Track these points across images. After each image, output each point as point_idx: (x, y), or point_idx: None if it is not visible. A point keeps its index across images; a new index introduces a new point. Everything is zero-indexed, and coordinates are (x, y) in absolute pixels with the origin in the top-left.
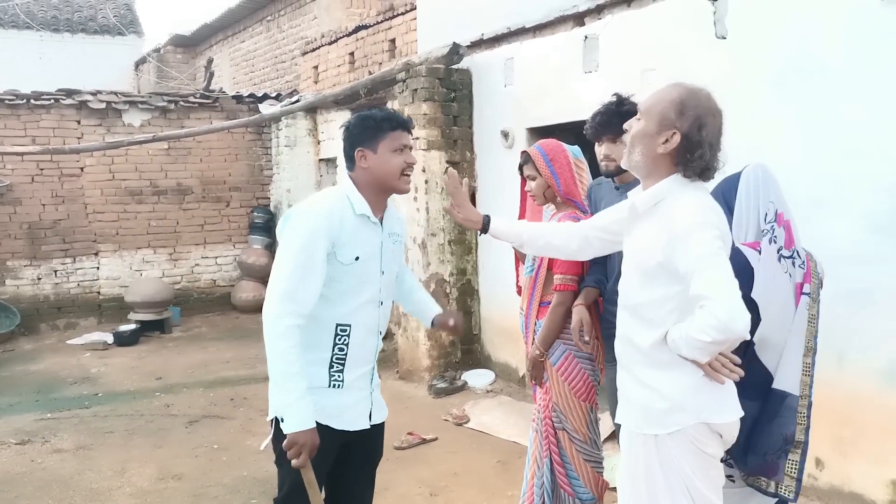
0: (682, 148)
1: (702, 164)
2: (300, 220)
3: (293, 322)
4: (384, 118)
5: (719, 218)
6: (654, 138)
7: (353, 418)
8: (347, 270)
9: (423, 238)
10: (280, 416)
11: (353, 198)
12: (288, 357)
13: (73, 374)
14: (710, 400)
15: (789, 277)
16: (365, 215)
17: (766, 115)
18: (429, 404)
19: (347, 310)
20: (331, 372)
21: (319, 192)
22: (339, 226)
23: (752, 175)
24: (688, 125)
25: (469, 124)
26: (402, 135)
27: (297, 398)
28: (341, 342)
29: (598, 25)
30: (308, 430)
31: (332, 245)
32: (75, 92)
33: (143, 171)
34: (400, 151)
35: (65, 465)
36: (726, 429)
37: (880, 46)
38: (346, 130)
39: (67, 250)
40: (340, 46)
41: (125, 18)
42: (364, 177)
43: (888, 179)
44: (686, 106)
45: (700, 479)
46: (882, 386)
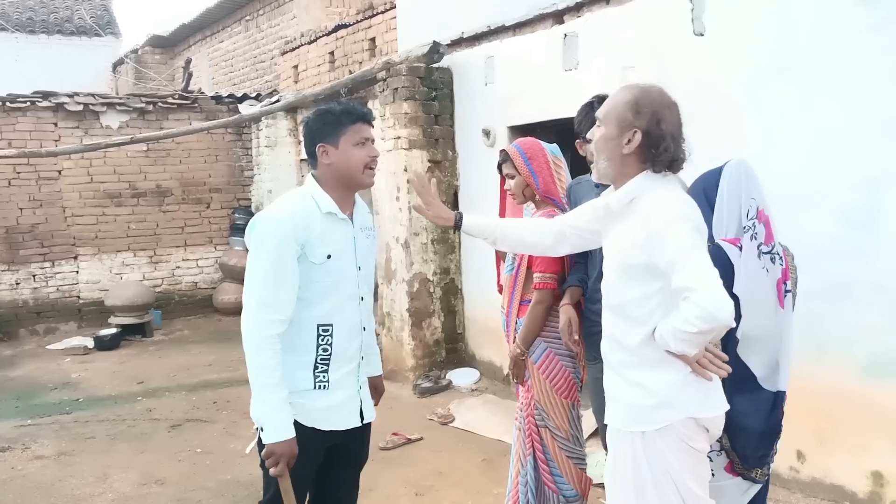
0: (646, 144)
1: (668, 156)
2: (265, 227)
3: (272, 332)
4: (343, 111)
5: (694, 211)
6: (616, 141)
7: (341, 417)
8: (321, 269)
9: (406, 237)
10: (259, 426)
11: (317, 197)
12: (266, 369)
13: (54, 379)
14: (697, 394)
15: (766, 273)
16: (332, 213)
17: (745, 112)
18: (414, 404)
19: (327, 309)
20: (315, 373)
21: (284, 195)
22: (306, 226)
23: (733, 171)
24: (646, 122)
25: (450, 123)
26: (364, 127)
27: (276, 409)
28: (324, 342)
29: (577, 23)
30: (286, 441)
31: (301, 247)
32: (52, 94)
33: (121, 173)
34: (362, 145)
35: (46, 471)
36: (713, 423)
37: (855, 44)
38: (305, 126)
39: (46, 254)
40: (320, 46)
41: (102, 19)
42: (327, 173)
43: (865, 175)
44: (641, 104)
45: (688, 475)
46: (862, 379)
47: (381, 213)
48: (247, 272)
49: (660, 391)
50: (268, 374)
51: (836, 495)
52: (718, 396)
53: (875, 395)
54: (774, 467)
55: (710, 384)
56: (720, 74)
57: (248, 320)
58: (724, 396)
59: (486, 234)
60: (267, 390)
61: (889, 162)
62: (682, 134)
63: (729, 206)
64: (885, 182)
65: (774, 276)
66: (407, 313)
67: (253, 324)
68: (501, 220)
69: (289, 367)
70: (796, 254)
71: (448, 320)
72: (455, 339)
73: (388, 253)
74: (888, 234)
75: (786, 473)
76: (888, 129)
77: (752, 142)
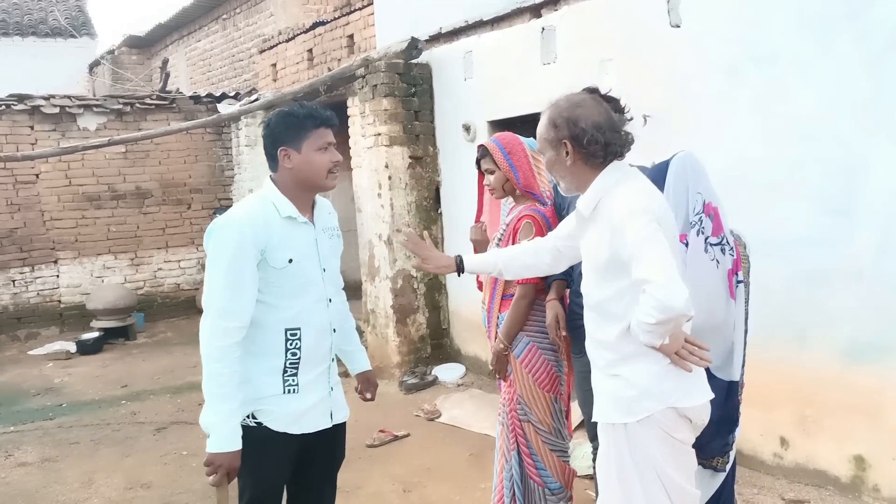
0: (577, 147)
1: (598, 147)
2: (223, 233)
3: (232, 339)
4: (307, 115)
5: (653, 201)
6: (558, 159)
7: (312, 420)
8: (283, 274)
9: (389, 234)
10: (206, 433)
11: (277, 201)
12: (221, 378)
13: (36, 385)
14: (678, 384)
15: (717, 265)
16: (292, 217)
17: (722, 102)
18: (400, 400)
19: (294, 313)
20: (284, 377)
21: (240, 202)
22: (265, 231)
23: (678, 166)
24: (566, 129)
25: (430, 119)
26: (327, 132)
27: (224, 420)
28: (293, 346)
29: (555, 17)
30: (228, 453)
31: (261, 252)
32: (27, 97)
33: (100, 175)
34: (325, 150)
35: (30, 478)
36: (695, 412)
37: (829, 32)
38: (266, 128)
39: (25, 259)
40: (298, 43)
41: (77, 20)
42: (288, 177)
43: (840, 162)
44: (554, 118)
45: (670, 466)
46: (843, 364)
47: (363, 210)
48: (206, 279)
49: (640, 382)
50: (222, 383)
51: (819, 480)
52: (700, 386)
53: (855, 380)
54: (758, 454)
55: (690, 374)
56: (697, 65)
57: (207, 328)
58: (706, 386)
59: (489, 269)
60: (219, 400)
61: (864, 149)
62: (609, 122)
63: (675, 202)
64: (861, 169)
65: (725, 266)
66: (391, 310)
67: (213, 332)
68: (500, 252)
69: (256, 372)
70: (774, 241)
71: (433, 316)
72: (440, 335)
73: (371, 250)
74: (865, 220)
75: (769, 460)
76: (863, 117)
77: (729, 131)
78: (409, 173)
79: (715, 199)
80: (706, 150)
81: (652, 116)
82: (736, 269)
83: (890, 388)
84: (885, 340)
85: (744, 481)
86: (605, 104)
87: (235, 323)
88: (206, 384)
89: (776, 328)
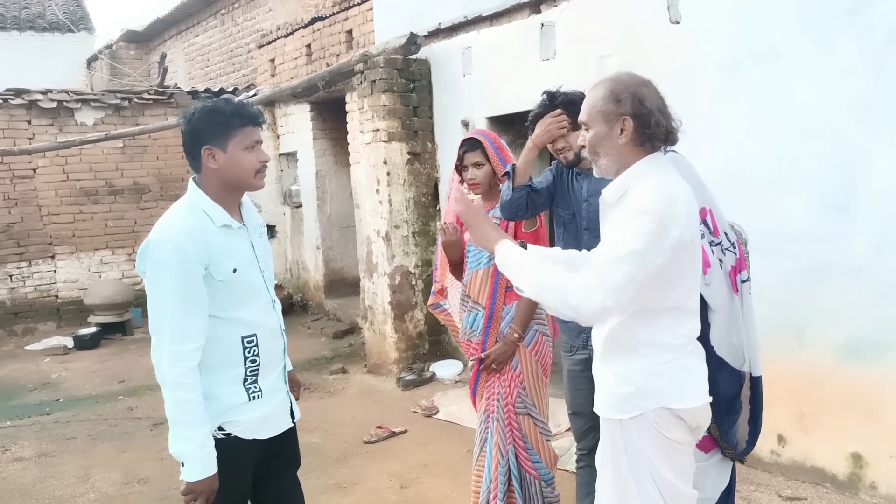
0: (639, 126)
1: (661, 130)
2: (162, 253)
3: (190, 364)
4: (234, 113)
5: (673, 205)
6: (609, 135)
7: (275, 422)
8: (229, 285)
9: (387, 230)
10: (180, 462)
11: (209, 210)
12: (188, 404)
13: (33, 380)
14: (672, 385)
15: (720, 264)
16: (227, 226)
17: (721, 99)
18: (398, 397)
19: (247, 321)
20: (246, 385)
21: (169, 214)
22: (206, 244)
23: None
24: (630, 106)
25: (429, 115)
26: (255, 130)
27: (198, 446)
28: (252, 354)
29: (554, 13)
30: (207, 479)
31: (206, 267)
32: (24, 91)
33: (98, 170)
34: (252, 148)
35: (26, 473)
36: (689, 414)
37: (829, 29)
38: (187, 124)
39: (22, 254)
40: (297, 39)
41: (75, 14)
42: (213, 178)
43: (840, 158)
44: (618, 92)
45: (663, 465)
46: (841, 361)
47: (361, 206)
48: (150, 302)
49: (634, 380)
50: (190, 408)
51: (816, 477)
52: (697, 387)
53: (853, 378)
54: (755, 451)
55: (688, 374)
56: (696, 62)
57: (162, 355)
58: (704, 388)
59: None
60: (187, 426)
61: (863, 145)
62: (666, 106)
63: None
64: (860, 165)
65: (728, 265)
66: (389, 306)
67: (169, 359)
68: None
69: (217, 385)
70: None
71: (430, 313)
72: (438, 332)
73: (370, 246)
74: (863, 217)
75: (767, 457)
76: (862, 113)
77: (729, 127)
78: (408, 169)
79: (708, 200)
80: (705, 147)
81: None
82: (740, 268)
83: (888, 385)
84: (883, 338)
85: (741, 478)
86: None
87: (192, 345)
88: (170, 413)
89: (774, 325)
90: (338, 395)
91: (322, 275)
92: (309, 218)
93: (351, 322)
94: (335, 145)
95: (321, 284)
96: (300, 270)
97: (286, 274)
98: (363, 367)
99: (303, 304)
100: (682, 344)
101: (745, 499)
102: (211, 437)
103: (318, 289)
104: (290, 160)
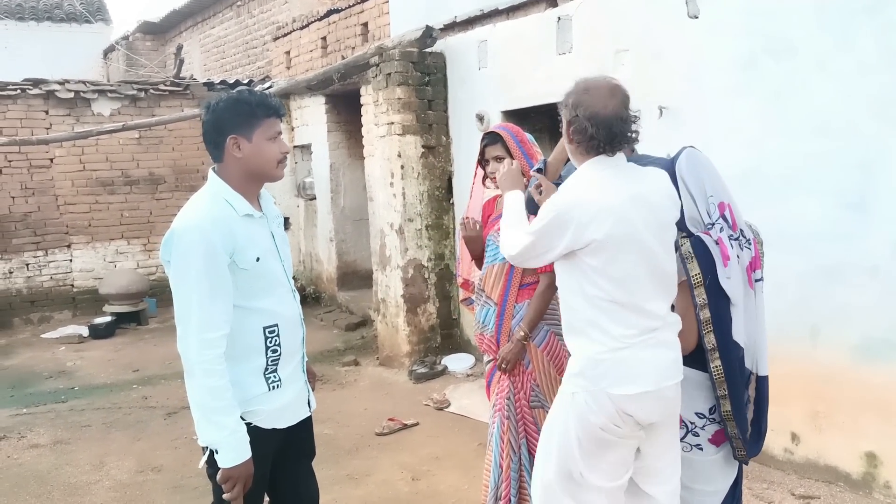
0: (571, 132)
1: (584, 137)
2: (189, 240)
3: (217, 351)
4: (259, 104)
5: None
6: (565, 138)
7: (293, 412)
8: (252, 274)
9: (401, 224)
10: (214, 449)
11: (231, 199)
12: (217, 391)
13: (49, 368)
14: (611, 370)
15: (738, 259)
16: (250, 215)
17: (739, 95)
18: (409, 390)
19: (269, 310)
20: (266, 375)
21: (193, 203)
22: (231, 233)
23: (687, 171)
24: (568, 111)
25: (444, 108)
26: (277, 122)
27: (231, 432)
28: (273, 344)
29: (571, 6)
30: (244, 464)
31: (230, 255)
32: (42, 81)
33: (114, 161)
34: (274, 139)
35: (42, 460)
36: (626, 401)
37: (847, 25)
38: (212, 114)
39: (39, 243)
40: (312, 31)
41: (92, 6)
42: (236, 167)
43: (858, 156)
44: (566, 98)
45: (576, 444)
46: (855, 360)
47: (374, 199)
48: (176, 293)
49: (580, 360)
50: (220, 395)
51: (830, 476)
52: (638, 376)
53: (868, 377)
54: (768, 449)
55: (632, 361)
56: (714, 57)
57: (189, 343)
58: (649, 376)
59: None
60: (220, 413)
61: (882, 143)
62: (612, 116)
63: (688, 208)
64: (878, 163)
65: (745, 261)
66: (402, 299)
67: (198, 347)
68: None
69: (239, 375)
70: (789, 235)
71: (443, 306)
72: (450, 325)
73: (383, 239)
74: (881, 215)
75: (780, 455)
76: (881, 111)
77: (746, 124)
78: (422, 163)
79: (726, 195)
80: (722, 143)
81: (668, 108)
82: (755, 266)
83: None
84: None
85: (753, 476)
86: (619, 98)
87: (219, 332)
88: (200, 401)
89: (789, 323)
90: (350, 387)
91: (335, 267)
92: (322, 210)
93: (363, 314)
94: (349, 138)
95: (334, 277)
96: (313, 262)
97: (299, 266)
98: (375, 359)
99: (316, 297)
100: (630, 335)
101: (758, 496)
102: (242, 422)
103: (331, 281)
104: (304, 152)
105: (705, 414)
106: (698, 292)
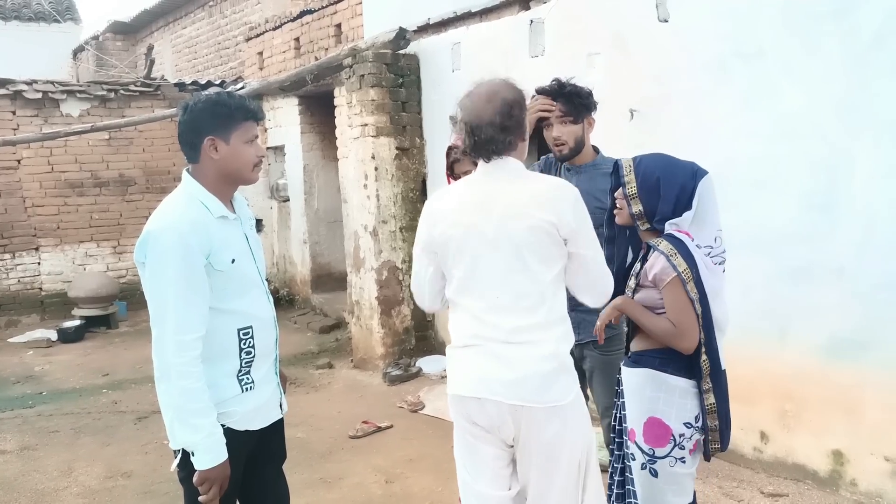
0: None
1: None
2: (166, 241)
3: (192, 353)
4: (238, 107)
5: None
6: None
7: (266, 413)
8: (227, 275)
9: (375, 226)
10: (190, 451)
11: (206, 201)
12: (194, 393)
13: (16, 373)
14: (450, 371)
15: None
16: (224, 217)
17: (708, 98)
18: (384, 392)
19: (243, 312)
20: (240, 377)
21: (168, 204)
22: (207, 235)
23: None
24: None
25: (418, 110)
26: (254, 125)
27: (208, 434)
28: (247, 346)
29: (543, 9)
30: (221, 465)
31: (207, 257)
32: (9, 81)
33: (83, 162)
34: (251, 143)
35: (8, 466)
36: (453, 401)
37: (815, 30)
38: (189, 114)
39: (6, 246)
40: (285, 32)
41: (61, 5)
42: (212, 169)
43: (824, 159)
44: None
45: (455, 443)
46: (823, 360)
47: (348, 201)
48: (151, 293)
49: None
50: (197, 397)
51: (798, 474)
52: (461, 379)
53: (835, 376)
54: (738, 447)
55: (459, 366)
56: (684, 61)
57: (165, 346)
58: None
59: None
60: (197, 415)
61: (846, 147)
62: (485, 122)
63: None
64: (845, 166)
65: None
66: (376, 301)
67: (174, 349)
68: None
69: (213, 377)
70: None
71: (417, 308)
72: (425, 327)
73: (357, 241)
74: (846, 217)
75: (749, 454)
76: (846, 115)
77: (716, 127)
78: (396, 164)
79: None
80: (691, 145)
81: (638, 111)
82: None
83: (869, 384)
84: (864, 337)
85: (723, 475)
86: (496, 104)
87: (195, 334)
88: (177, 403)
89: (757, 323)
90: (324, 390)
91: (309, 269)
92: (296, 212)
93: (337, 317)
94: (323, 140)
95: (308, 279)
96: (287, 265)
97: (273, 268)
98: (349, 362)
99: (289, 299)
100: (463, 336)
101: (728, 494)
102: (218, 424)
103: (304, 283)
104: (277, 154)
105: (692, 423)
106: (690, 287)
